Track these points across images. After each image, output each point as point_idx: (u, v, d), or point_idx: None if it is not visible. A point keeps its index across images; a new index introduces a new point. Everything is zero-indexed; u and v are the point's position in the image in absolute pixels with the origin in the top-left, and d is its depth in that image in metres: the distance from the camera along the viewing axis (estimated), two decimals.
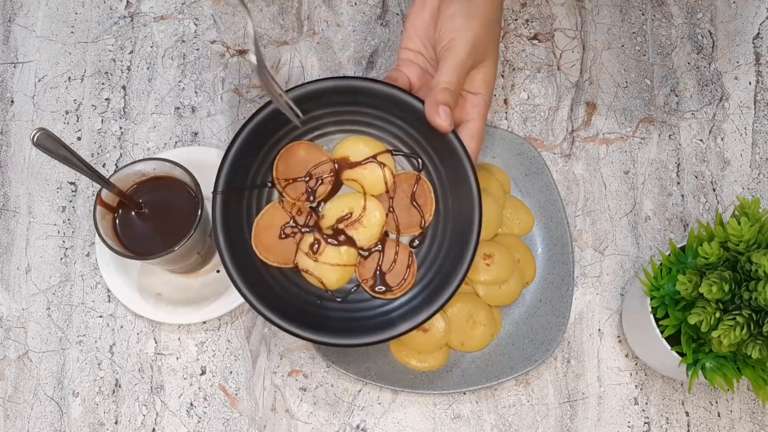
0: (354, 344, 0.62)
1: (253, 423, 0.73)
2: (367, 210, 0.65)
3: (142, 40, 0.84)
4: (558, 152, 0.80)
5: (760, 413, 0.73)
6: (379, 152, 0.66)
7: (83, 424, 0.73)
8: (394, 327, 0.63)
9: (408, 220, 0.67)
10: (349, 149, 0.66)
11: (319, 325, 0.63)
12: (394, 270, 0.66)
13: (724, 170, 0.80)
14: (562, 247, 0.75)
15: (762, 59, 0.83)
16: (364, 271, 0.66)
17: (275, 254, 0.65)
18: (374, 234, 0.66)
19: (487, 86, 0.66)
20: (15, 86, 0.83)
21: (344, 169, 0.66)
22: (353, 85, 0.64)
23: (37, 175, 0.80)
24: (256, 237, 0.65)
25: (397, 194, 0.67)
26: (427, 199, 0.66)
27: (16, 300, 0.77)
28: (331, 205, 0.66)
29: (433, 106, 0.62)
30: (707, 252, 0.61)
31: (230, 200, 0.64)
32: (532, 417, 0.73)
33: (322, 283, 0.65)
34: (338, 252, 0.65)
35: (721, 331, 0.58)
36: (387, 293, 0.65)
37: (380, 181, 0.66)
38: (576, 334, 0.75)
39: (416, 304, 0.64)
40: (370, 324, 0.64)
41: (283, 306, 0.63)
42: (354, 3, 0.85)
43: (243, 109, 0.81)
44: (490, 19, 0.65)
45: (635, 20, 0.84)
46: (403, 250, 0.66)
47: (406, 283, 0.65)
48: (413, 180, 0.67)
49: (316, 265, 0.65)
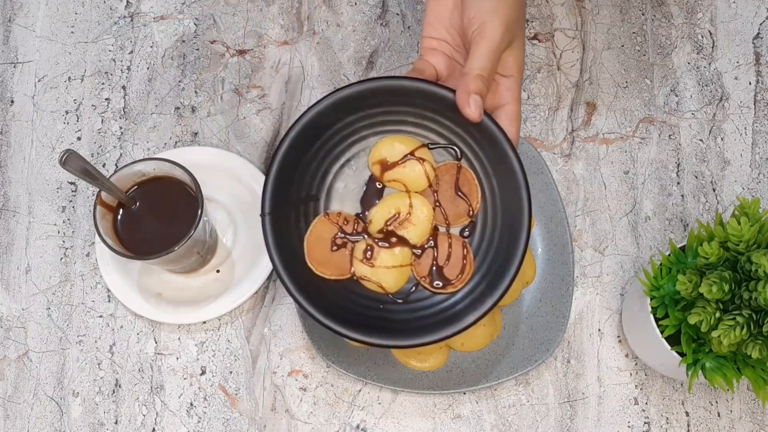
0: (424, 343, 0.61)
1: (253, 423, 0.73)
2: (413, 207, 0.64)
3: (142, 40, 0.84)
4: (558, 152, 0.80)
5: (760, 413, 0.73)
6: (416, 148, 0.65)
7: (83, 424, 0.73)
8: (461, 320, 0.61)
9: (456, 211, 0.65)
10: (385, 150, 0.65)
11: (385, 329, 0.62)
12: (450, 263, 0.65)
13: (724, 170, 0.80)
14: (562, 247, 0.75)
15: (762, 59, 0.83)
16: (420, 268, 0.65)
17: (331, 267, 0.64)
18: (425, 230, 0.65)
19: (519, 68, 0.64)
20: (15, 86, 0.83)
21: (384, 171, 0.65)
22: (381, 85, 0.63)
23: (37, 175, 0.80)
24: (309, 253, 0.63)
25: (440, 187, 0.65)
26: (471, 187, 0.65)
27: (16, 300, 0.77)
28: (377, 209, 0.65)
29: (465, 96, 0.60)
30: (707, 252, 0.61)
31: (277, 219, 0.63)
32: (532, 417, 0.73)
33: (382, 287, 0.64)
34: (392, 254, 0.64)
35: (721, 331, 0.58)
36: (447, 287, 0.64)
37: (422, 176, 0.65)
38: (576, 334, 0.75)
39: (479, 293, 0.62)
40: (436, 320, 0.62)
41: (348, 316, 0.62)
42: (354, 3, 0.85)
43: (243, 109, 0.81)
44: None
45: (635, 20, 0.84)
46: (456, 241, 0.65)
47: (465, 274, 0.64)
48: (454, 170, 0.65)
49: (373, 270, 0.64)
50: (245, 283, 0.74)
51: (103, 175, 0.65)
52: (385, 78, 0.63)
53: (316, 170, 0.65)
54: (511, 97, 0.64)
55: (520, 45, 0.64)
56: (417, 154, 0.65)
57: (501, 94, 0.64)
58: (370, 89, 0.63)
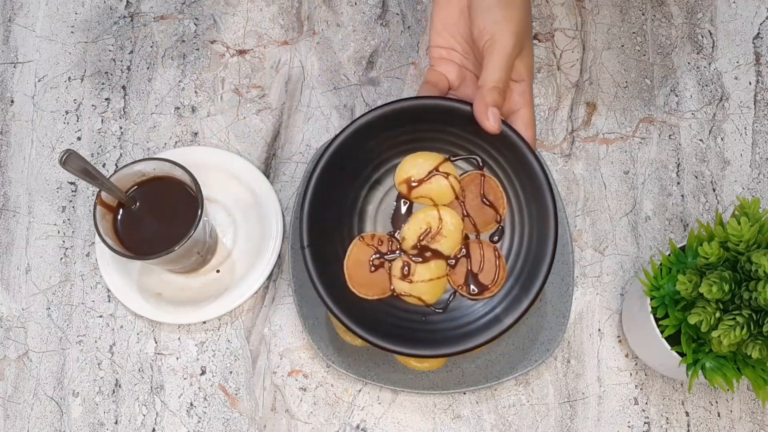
0: (469, 348, 0.63)
1: (253, 423, 0.73)
2: (443, 221, 0.66)
3: (142, 40, 0.84)
4: (558, 152, 0.80)
5: (760, 413, 0.73)
6: (439, 163, 0.67)
7: (83, 424, 0.73)
8: (501, 322, 0.64)
9: (484, 219, 0.67)
10: (409, 169, 0.67)
11: (429, 340, 0.65)
12: (484, 269, 0.67)
13: (724, 170, 0.80)
14: (562, 247, 0.74)
15: (762, 59, 0.83)
16: (456, 278, 0.67)
17: (372, 288, 0.66)
18: (456, 240, 0.66)
19: (529, 71, 0.65)
20: (15, 86, 0.83)
21: (411, 189, 0.67)
22: (399, 108, 0.65)
23: (37, 175, 0.80)
24: (351, 278, 0.66)
25: (467, 197, 0.67)
26: (497, 194, 0.67)
27: (16, 300, 0.77)
28: (408, 227, 0.67)
29: (482, 108, 0.61)
30: (707, 252, 0.61)
31: (316, 250, 0.65)
32: (532, 417, 0.73)
33: (422, 300, 0.66)
34: (428, 268, 0.66)
35: (721, 331, 0.58)
36: (484, 292, 0.66)
37: (448, 189, 0.66)
38: (576, 334, 0.75)
39: (515, 296, 0.65)
40: (476, 326, 0.65)
41: (395, 331, 0.65)
42: (354, 3, 0.85)
43: (243, 109, 0.81)
44: (526, 3, 0.64)
45: (635, 20, 0.84)
46: (487, 247, 0.67)
47: (499, 278, 0.66)
48: (478, 179, 0.67)
49: (412, 286, 0.66)
50: (245, 283, 0.74)
51: (103, 175, 0.65)
52: (404, 100, 0.65)
53: (345, 197, 0.68)
54: (524, 102, 0.65)
55: (529, 51, 0.65)
56: (441, 169, 0.66)
57: (514, 99, 0.65)
58: (391, 112, 0.65)
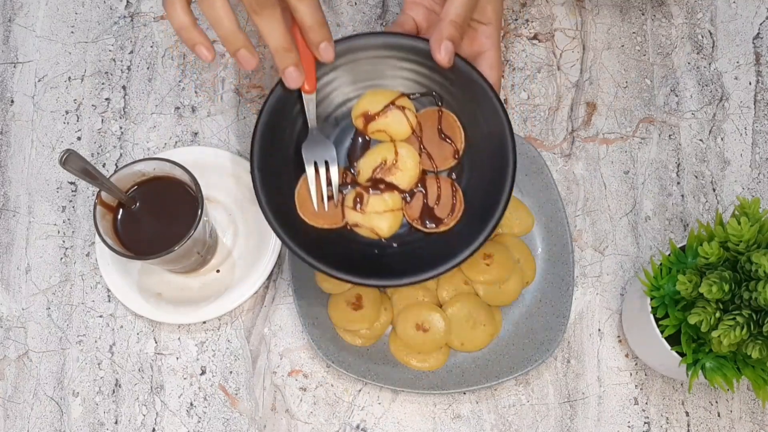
0: (422, 280, 0.63)
1: (253, 423, 0.73)
2: (399, 154, 0.66)
3: (142, 40, 0.84)
4: (558, 152, 0.80)
5: (760, 413, 0.73)
6: (396, 97, 0.67)
7: (83, 424, 0.73)
8: (456, 255, 0.63)
9: (442, 154, 0.67)
10: (367, 104, 0.67)
11: (383, 272, 0.64)
12: (440, 203, 0.67)
13: (724, 170, 0.80)
14: (562, 247, 0.75)
15: (762, 59, 0.83)
16: (412, 212, 0.67)
17: (323, 218, 0.66)
18: (413, 175, 0.67)
19: (497, 15, 0.66)
20: (15, 86, 0.83)
21: (368, 123, 0.67)
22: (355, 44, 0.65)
23: (37, 175, 0.80)
24: (301, 206, 0.66)
25: (424, 132, 0.67)
26: (455, 129, 0.67)
27: (16, 300, 0.77)
28: (364, 160, 0.67)
29: (437, 42, 0.62)
30: (707, 252, 0.61)
31: (267, 176, 0.64)
32: (532, 417, 0.73)
33: (376, 233, 0.66)
34: (382, 199, 0.66)
35: (721, 331, 0.58)
36: (440, 226, 0.66)
37: (404, 123, 0.67)
38: (576, 334, 0.75)
39: (471, 230, 0.65)
40: (432, 258, 0.64)
41: (344, 261, 0.64)
42: (354, 3, 0.85)
43: (243, 109, 0.81)
44: None
45: (635, 20, 0.84)
46: (444, 182, 0.67)
47: (456, 212, 0.66)
48: (436, 115, 0.67)
49: (365, 217, 0.66)
50: (245, 283, 0.74)
51: (103, 175, 0.65)
52: (358, 36, 0.65)
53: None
54: (490, 44, 0.66)
55: None
56: (397, 102, 0.67)
57: (480, 41, 0.66)
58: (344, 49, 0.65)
